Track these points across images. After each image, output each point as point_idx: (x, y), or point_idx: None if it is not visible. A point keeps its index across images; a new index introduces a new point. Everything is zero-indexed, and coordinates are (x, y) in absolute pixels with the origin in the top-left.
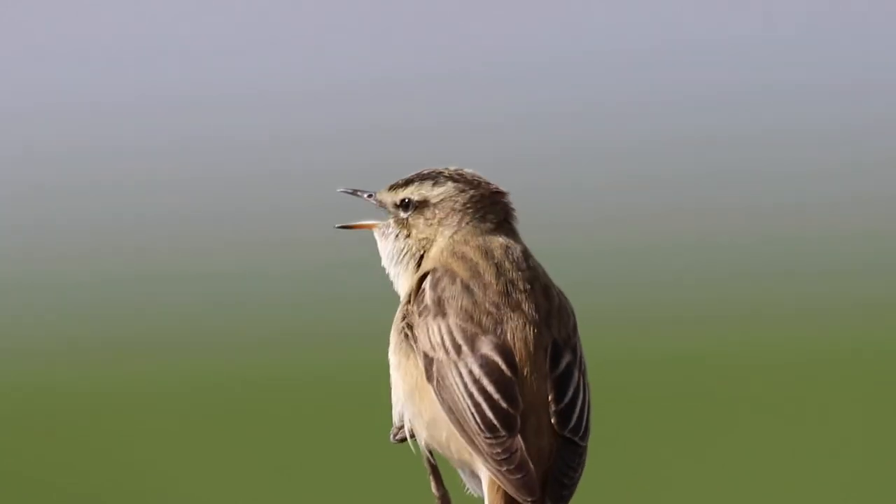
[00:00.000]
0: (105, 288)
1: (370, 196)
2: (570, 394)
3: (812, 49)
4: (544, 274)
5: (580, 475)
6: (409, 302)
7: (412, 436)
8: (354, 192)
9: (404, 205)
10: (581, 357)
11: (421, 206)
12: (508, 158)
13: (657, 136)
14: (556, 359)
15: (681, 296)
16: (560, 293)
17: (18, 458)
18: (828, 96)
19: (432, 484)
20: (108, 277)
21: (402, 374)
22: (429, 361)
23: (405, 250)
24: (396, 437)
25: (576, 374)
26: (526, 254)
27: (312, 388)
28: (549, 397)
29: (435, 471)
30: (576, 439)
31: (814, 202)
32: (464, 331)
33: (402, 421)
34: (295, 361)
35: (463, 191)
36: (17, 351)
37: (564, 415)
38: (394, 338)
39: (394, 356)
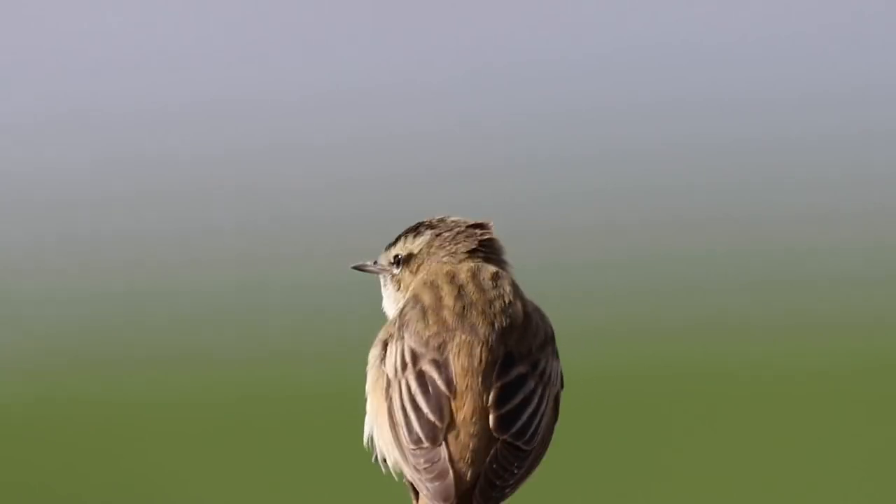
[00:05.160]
0: (108, 301)
1: (375, 263)
2: (516, 401)
3: (811, 54)
4: (512, 293)
5: (521, 476)
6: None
7: (383, 459)
8: (363, 268)
9: (396, 262)
10: (545, 369)
11: (408, 259)
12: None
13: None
14: (504, 370)
15: (669, 306)
16: (533, 311)
17: (23, 468)
18: (828, 102)
19: (414, 502)
20: (112, 290)
21: (371, 399)
22: (387, 383)
23: (398, 301)
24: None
25: (530, 383)
26: (496, 276)
27: (316, 400)
28: (489, 406)
29: (415, 489)
30: (519, 443)
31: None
32: (413, 351)
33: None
34: (300, 373)
35: (439, 234)
36: (22, 361)
37: (505, 420)
38: (371, 371)
39: (368, 384)
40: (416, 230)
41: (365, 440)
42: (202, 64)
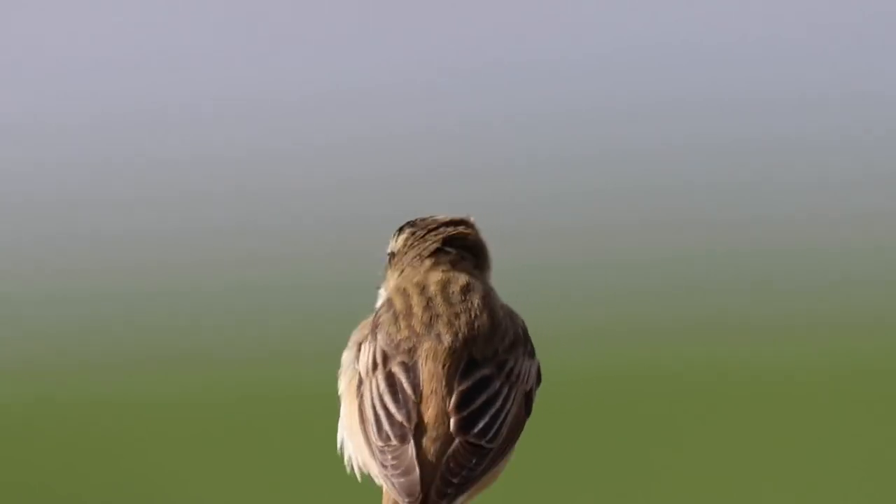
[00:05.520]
0: (108, 301)
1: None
2: (479, 402)
3: (813, 56)
4: (480, 305)
5: (480, 472)
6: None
7: (353, 463)
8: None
9: (388, 259)
10: (513, 369)
11: (392, 257)
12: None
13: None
14: (467, 374)
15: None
16: (504, 317)
17: (23, 468)
18: (828, 102)
19: None
20: (112, 290)
21: (344, 402)
22: (359, 381)
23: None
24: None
25: (495, 384)
26: (466, 289)
27: (316, 400)
28: (451, 409)
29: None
30: (481, 442)
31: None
32: (384, 352)
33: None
34: (300, 373)
35: (413, 233)
36: (22, 361)
37: (467, 421)
38: (344, 373)
39: (341, 387)
40: (399, 229)
41: (338, 446)
42: (202, 64)
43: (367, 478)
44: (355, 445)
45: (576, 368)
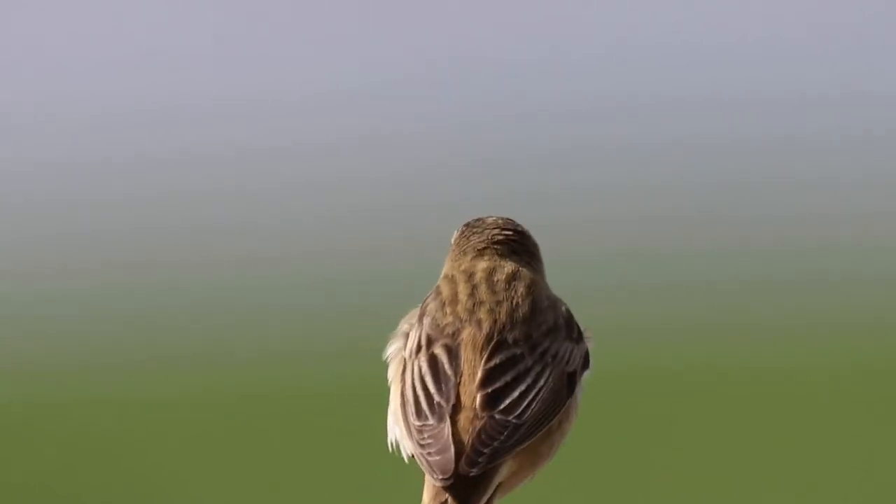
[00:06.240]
0: (109, 301)
1: None
2: (506, 379)
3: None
4: (523, 294)
5: (509, 445)
6: None
7: (394, 442)
8: None
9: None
10: (547, 349)
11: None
12: (503, 159)
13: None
14: (495, 353)
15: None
16: (548, 307)
17: (23, 468)
18: (828, 102)
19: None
20: (112, 290)
21: (392, 390)
22: (404, 366)
23: None
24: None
25: (526, 362)
26: (512, 277)
27: (316, 400)
28: (477, 386)
29: None
30: (509, 418)
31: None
32: (428, 335)
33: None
34: (300, 373)
35: (469, 227)
36: (22, 361)
37: (492, 398)
38: (392, 363)
39: (390, 374)
40: (463, 224)
41: (388, 439)
42: (202, 64)
43: (411, 461)
44: (399, 428)
45: None
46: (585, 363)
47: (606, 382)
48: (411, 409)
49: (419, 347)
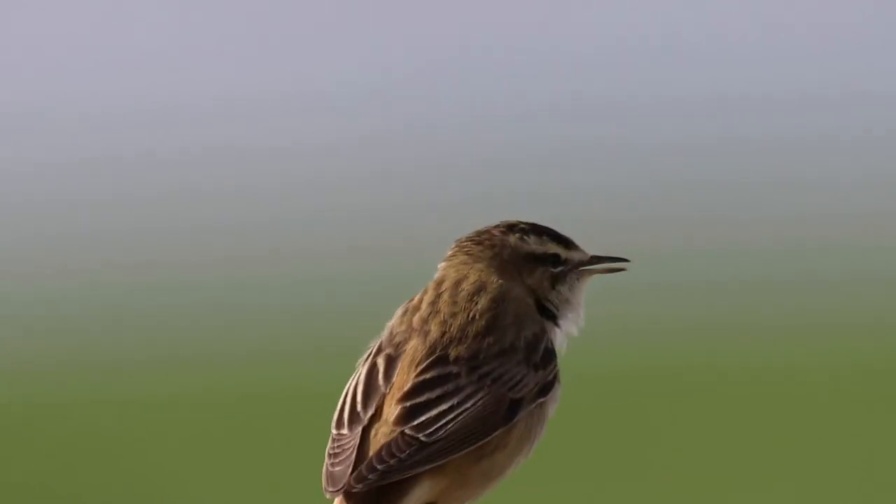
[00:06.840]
0: (108, 301)
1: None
2: (429, 397)
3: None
4: (484, 309)
5: (409, 464)
6: None
7: None
8: None
9: None
10: (489, 373)
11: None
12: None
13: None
14: (429, 369)
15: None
16: (512, 325)
17: (23, 468)
18: (828, 102)
19: None
20: (112, 290)
21: None
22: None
23: None
24: None
25: (457, 382)
26: (480, 290)
27: (316, 400)
28: (398, 398)
29: None
30: (419, 436)
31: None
32: (380, 344)
33: None
34: (300, 373)
35: (464, 239)
36: (22, 361)
37: (409, 413)
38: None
39: None
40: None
41: None
42: (202, 64)
43: None
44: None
45: (576, 368)
46: (543, 392)
47: (606, 382)
48: (335, 417)
49: (368, 356)
